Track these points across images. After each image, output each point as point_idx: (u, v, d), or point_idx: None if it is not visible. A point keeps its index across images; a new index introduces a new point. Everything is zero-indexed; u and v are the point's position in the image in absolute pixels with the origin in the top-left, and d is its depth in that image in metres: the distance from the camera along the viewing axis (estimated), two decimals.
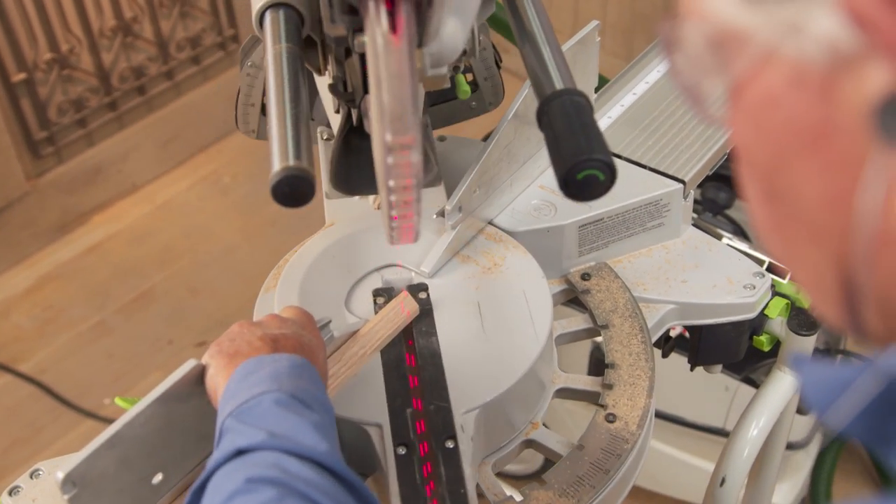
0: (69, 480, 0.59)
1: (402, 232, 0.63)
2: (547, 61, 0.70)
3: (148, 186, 2.45)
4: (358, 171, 0.80)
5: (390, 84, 0.55)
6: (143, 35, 2.34)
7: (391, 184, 0.58)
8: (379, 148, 0.57)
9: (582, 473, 0.77)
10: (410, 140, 0.55)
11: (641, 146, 0.98)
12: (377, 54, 0.56)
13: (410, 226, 0.62)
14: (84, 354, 2.05)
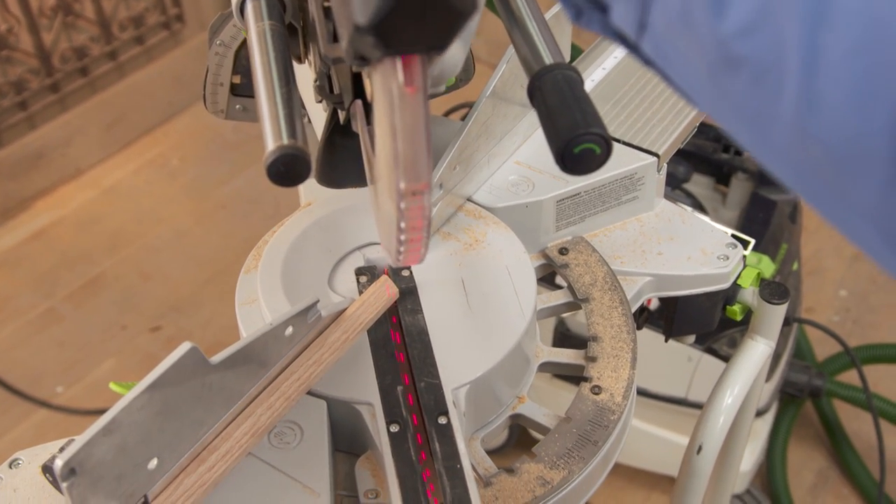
0: (68, 468, 0.58)
1: (408, 255, 0.62)
2: (534, 36, 0.70)
3: (93, 171, 2.40)
4: (343, 166, 0.79)
5: (405, 134, 0.55)
6: (84, 14, 2.28)
7: (402, 225, 0.58)
8: (391, 192, 0.57)
9: (571, 445, 0.78)
10: (424, 187, 0.56)
11: (614, 120, 0.99)
12: (392, 104, 0.55)
13: (418, 248, 0.61)
14: (34, 343, 2.01)
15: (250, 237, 2.35)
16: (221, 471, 0.70)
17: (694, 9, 0.41)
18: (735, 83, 0.42)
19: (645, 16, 0.44)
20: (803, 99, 0.39)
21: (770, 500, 1.71)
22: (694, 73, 0.44)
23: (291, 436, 0.74)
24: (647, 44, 0.46)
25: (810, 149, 0.40)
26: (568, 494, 0.77)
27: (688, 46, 0.43)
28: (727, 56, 0.41)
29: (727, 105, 0.44)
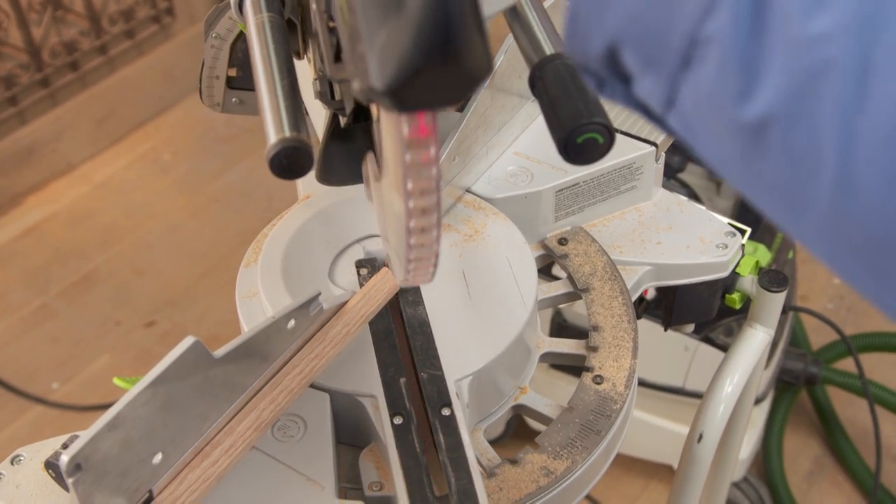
0: (74, 463, 0.58)
1: (417, 275, 0.61)
2: (534, 26, 0.70)
3: (84, 166, 2.39)
4: (343, 167, 0.79)
5: (417, 174, 0.55)
6: (73, 8, 2.27)
7: (412, 256, 0.58)
8: (401, 225, 0.57)
9: (574, 435, 0.78)
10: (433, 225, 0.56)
11: (612, 110, 0.99)
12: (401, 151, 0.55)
13: (429, 267, 0.61)
14: (28, 339, 2.00)
15: (244, 231, 2.35)
16: (225, 465, 0.70)
17: (724, 91, 0.40)
18: (768, 166, 0.41)
19: (673, 93, 0.43)
20: (840, 183, 0.38)
21: (767, 487, 1.72)
22: (724, 152, 0.43)
23: (295, 429, 0.74)
24: (674, 119, 0.44)
25: (849, 231, 0.39)
26: (571, 484, 0.77)
27: (717, 126, 0.42)
28: (758, 140, 0.40)
29: (759, 185, 0.43)
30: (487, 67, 0.44)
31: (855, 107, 0.37)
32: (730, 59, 0.39)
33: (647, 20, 0.42)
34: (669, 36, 0.41)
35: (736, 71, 0.39)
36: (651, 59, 0.43)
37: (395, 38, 0.44)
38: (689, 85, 0.42)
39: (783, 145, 0.40)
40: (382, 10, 0.46)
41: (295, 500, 0.70)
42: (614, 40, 0.43)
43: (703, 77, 0.41)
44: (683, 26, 0.41)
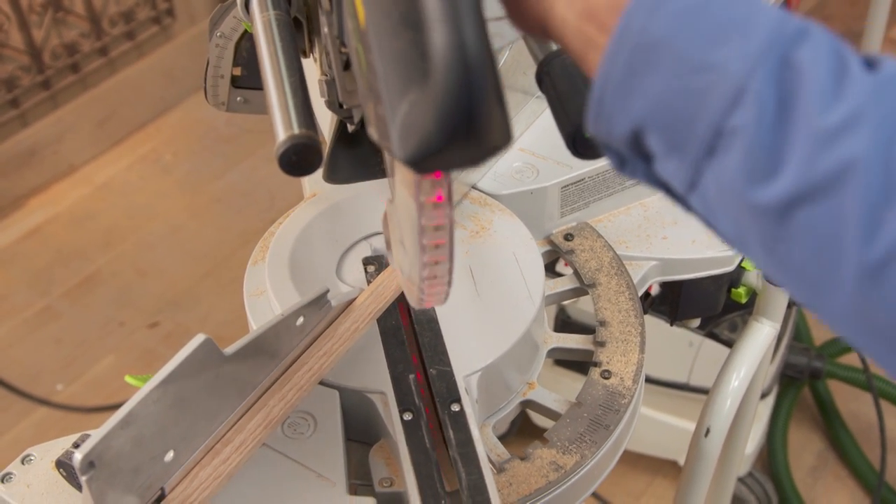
0: (87, 461, 0.58)
1: (430, 297, 0.61)
2: None
3: (86, 167, 2.39)
4: (350, 167, 0.79)
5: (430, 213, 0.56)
6: (74, 10, 2.27)
7: (424, 286, 0.58)
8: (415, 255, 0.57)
9: (582, 430, 0.78)
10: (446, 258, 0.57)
11: None
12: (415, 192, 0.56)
13: (443, 289, 0.61)
14: (31, 341, 2.00)
15: (246, 230, 2.35)
16: (236, 462, 0.70)
17: (748, 178, 0.41)
18: (791, 250, 0.42)
19: (697, 177, 0.43)
20: (865, 269, 0.39)
21: (772, 482, 1.72)
22: (747, 234, 0.44)
23: (305, 426, 0.74)
24: (696, 200, 0.45)
25: (873, 314, 0.40)
26: (581, 479, 0.77)
27: (741, 210, 0.42)
28: (782, 225, 0.41)
29: (783, 268, 0.43)
30: (508, 139, 0.44)
31: (881, 199, 0.38)
32: (755, 149, 0.40)
33: (674, 110, 0.42)
34: (695, 126, 0.42)
35: (760, 159, 0.40)
36: (675, 145, 0.43)
37: (417, 113, 0.44)
38: (713, 171, 0.42)
39: (807, 231, 0.40)
40: (404, 78, 0.46)
41: (306, 496, 0.70)
42: (639, 125, 0.44)
43: (727, 164, 0.42)
44: (710, 118, 0.41)
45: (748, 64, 0.40)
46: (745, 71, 0.40)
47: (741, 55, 0.41)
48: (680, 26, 0.42)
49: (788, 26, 0.41)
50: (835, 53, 0.41)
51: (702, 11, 0.42)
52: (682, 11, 0.42)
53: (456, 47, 0.42)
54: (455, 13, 0.42)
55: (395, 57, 0.47)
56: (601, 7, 0.43)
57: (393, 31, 0.47)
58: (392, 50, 0.47)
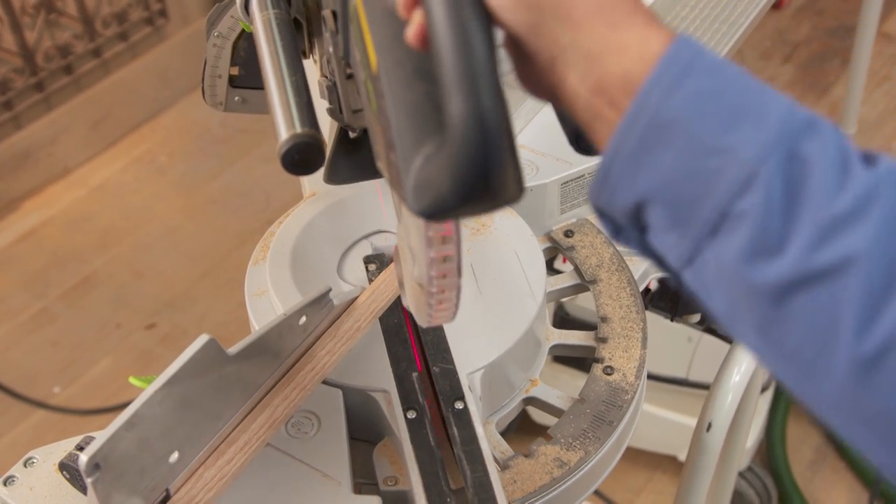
0: (92, 463, 0.58)
1: (437, 316, 0.61)
2: None
3: (80, 169, 2.38)
4: (350, 170, 0.79)
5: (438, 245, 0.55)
6: (66, 11, 2.26)
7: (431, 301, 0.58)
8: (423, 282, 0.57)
9: (586, 426, 0.79)
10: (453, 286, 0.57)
11: None
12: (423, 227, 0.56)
13: (451, 308, 0.60)
14: (28, 344, 1.99)
15: (242, 231, 2.34)
16: (240, 463, 0.70)
17: (750, 260, 0.42)
18: (786, 333, 0.42)
19: (696, 254, 0.44)
20: (858, 358, 0.40)
21: (771, 477, 1.72)
22: (741, 314, 0.44)
23: (309, 425, 0.74)
24: (690, 275, 0.46)
25: (863, 402, 0.41)
26: (585, 475, 0.77)
27: (738, 290, 0.43)
28: (779, 307, 0.42)
29: (775, 351, 0.44)
30: (521, 193, 0.44)
31: (880, 291, 0.40)
32: (760, 233, 0.41)
33: (682, 187, 0.43)
34: (702, 205, 0.43)
35: (764, 243, 0.41)
36: (679, 222, 0.44)
37: (432, 170, 0.45)
38: (714, 250, 0.43)
39: (804, 316, 0.41)
40: (418, 131, 0.47)
41: (311, 496, 0.70)
42: (644, 198, 0.44)
43: (729, 244, 0.42)
44: (718, 199, 0.42)
45: (760, 151, 0.41)
46: (757, 158, 0.41)
47: (753, 142, 0.42)
48: (696, 108, 0.43)
49: (798, 117, 0.42)
50: (839, 147, 0.42)
51: (717, 96, 0.43)
52: (699, 94, 0.43)
53: (474, 116, 0.42)
54: (473, 79, 0.42)
55: (409, 108, 0.47)
56: (614, 85, 0.44)
57: (406, 81, 0.48)
58: (405, 101, 0.48)
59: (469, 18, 0.43)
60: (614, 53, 0.44)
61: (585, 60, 0.45)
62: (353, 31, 0.56)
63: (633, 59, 0.44)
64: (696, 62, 0.43)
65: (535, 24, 0.45)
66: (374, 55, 0.51)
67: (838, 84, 2.51)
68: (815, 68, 2.59)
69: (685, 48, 0.44)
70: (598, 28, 0.44)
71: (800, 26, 2.71)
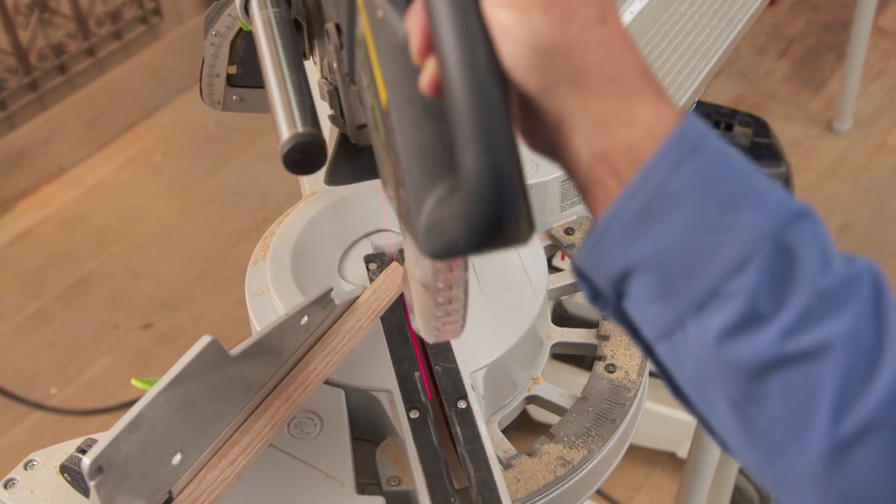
0: (96, 466, 0.58)
1: (446, 333, 0.60)
2: None
3: (75, 169, 2.37)
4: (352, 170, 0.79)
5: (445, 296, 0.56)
6: (60, 10, 2.25)
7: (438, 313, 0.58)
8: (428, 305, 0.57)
9: (589, 424, 0.78)
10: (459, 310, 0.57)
11: None
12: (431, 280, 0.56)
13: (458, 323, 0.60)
14: (24, 345, 1.99)
15: (238, 230, 2.33)
16: (243, 464, 0.70)
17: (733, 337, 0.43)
18: (761, 412, 0.43)
19: (677, 326, 0.44)
20: (834, 443, 0.42)
21: None
22: (713, 391, 0.45)
23: (311, 426, 0.74)
24: (664, 347, 0.46)
25: (833, 486, 0.42)
26: (588, 473, 0.77)
27: (714, 365, 0.44)
28: (758, 384, 0.43)
29: (747, 428, 0.45)
30: (531, 233, 0.45)
31: (857, 377, 0.41)
32: (747, 313, 0.42)
33: (675, 261, 0.44)
34: (693, 281, 0.43)
35: (749, 323, 0.42)
36: (665, 294, 0.44)
37: (444, 214, 0.45)
38: (696, 324, 0.43)
39: (782, 394, 0.43)
40: (430, 171, 0.47)
41: (314, 496, 0.70)
42: (634, 267, 0.45)
43: (713, 321, 0.43)
44: (710, 277, 0.43)
45: (757, 234, 0.43)
46: (754, 240, 0.43)
47: (752, 225, 0.43)
48: (701, 185, 0.43)
49: (793, 205, 0.44)
50: (825, 240, 0.44)
51: (721, 176, 0.44)
52: (705, 171, 0.44)
53: (489, 170, 0.42)
54: (488, 135, 0.42)
55: (420, 149, 0.47)
56: (619, 154, 0.44)
57: (417, 120, 0.47)
58: (416, 141, 0.47)
59: (485, 73, 0.43)
60: (623, 124, 0.45)
61: (593, 127, 0.45)
62: (360, 56, 0.56)
63: (641, 132, 0.44)
64: (703, 141, 0.44)
65: (547, 88, 0.45)
66: (383, 90, 0.51)
67: (834, 79, 2.51)
68: (811, 63, 2.59)
69: (694, 126, 0.44)
70: (609, 98, 0.45)
71: (795, 21, 2.71)
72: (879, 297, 0.44)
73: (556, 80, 0.44)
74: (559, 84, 0.44)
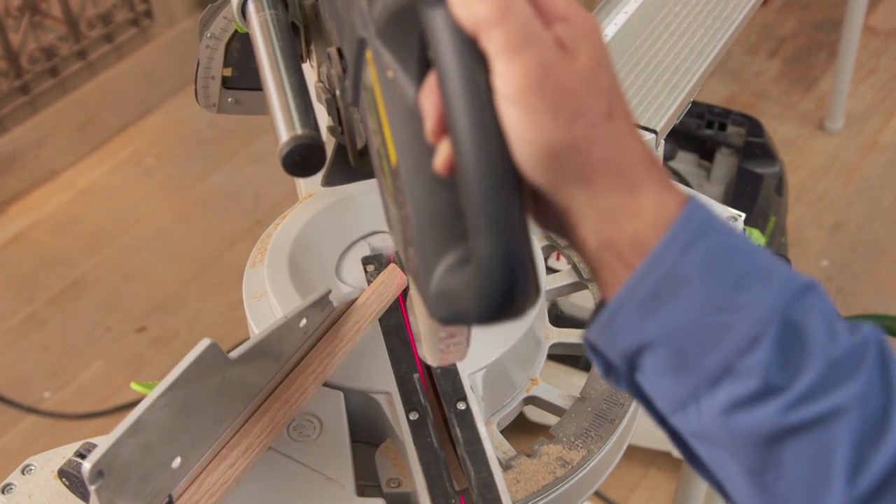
0: (96, 470, 0.57)
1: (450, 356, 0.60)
2: None
3: (67, 172, 2.36)
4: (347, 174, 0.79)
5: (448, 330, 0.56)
6: (51, 13, 2.24)
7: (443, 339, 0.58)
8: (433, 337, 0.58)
9: (587, 425, 0.78)
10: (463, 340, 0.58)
11: None
12: None
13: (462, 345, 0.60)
14: (18, 349, 1.98)
15: (231, 232, 2.32)
16: (243, 467, 0.70)
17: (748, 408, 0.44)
18: (779, 480, 0.45)
19: (690, 401, 0.46)
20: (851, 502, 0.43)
21: None
22: (728, 461, 0.46)
23: (311, 428, 0.74)
24: (678, 419, 0.47)
25: None
26: (587, 474, 0.77)
27: (729, 438, 0.45)
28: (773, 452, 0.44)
29: (765, 497, 0.46)
30: (537, 300, 0.46)
31: (869, 438, 0.43)
32: (761, 386, 0.44)
33: (689, 339, 0.45)
34: (707, 358, 0.45)
35: (764, 395, 0.44)
36: (678, 370, 0.45)
37: (455, 283, 0.46)
38: (710, 399, 0.45)
39: (798, 460, 0.44)
40: (441, 238, 0.47)
41: (315, 499, 0.69)
42: (647, 344, 0.46)
43: (727, 395, 0.44)
44: (724, 355, 0.44)
45: (767, 312, 0.44)
46: (765, 318, 0.44)
47: (761, 303, 0.44)
48: (709, 267, 0.45)
49: (798, 280, 0.46)
50: (831, 310, 0.46)
51: (728, 257, 0.45)
52: (712, 253, 0.45)
53: (502, 257, 0.43)
54: (502, 224, 0.43)
55: (430, 214, 0.48)
56: (625, 243, 0.46)
57: (427, 186, 0.48)
58: (426, 207, 0.48)
59: (499, 166, 0.44)
60: (629, 215, 0.46)
61: (599, 219, 0.46)
62: (367, 99, 0.55)
63: (646, 222, 0.45)
64: (708, 223, 0.45)
65: (554, 183, 0.45)
66: (393, 151, 0.51)
67: (825, 78, 2.52)
68: (802, 62, 2.59)
69: (698, 209, 0.46)
70: (615, 191, 0.46)
71: (786, 21, 2.72)
72: (884, 359, 0.46)
73: (562, 177, 0.45)
74: (566, 180, 0.45)
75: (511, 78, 0.44)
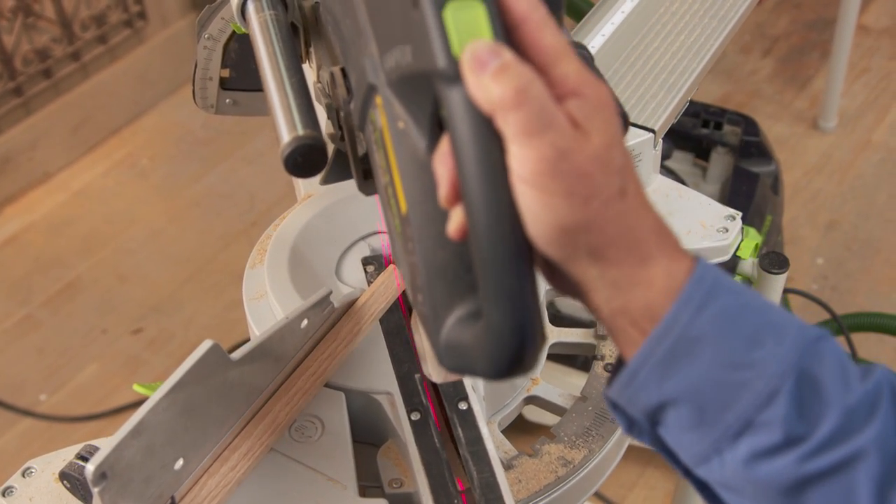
0: (99, 472, 0.57)
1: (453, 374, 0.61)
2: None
3: (61, 174, 2.36)
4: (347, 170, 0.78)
5: None
6: (44, 14, 2.23)
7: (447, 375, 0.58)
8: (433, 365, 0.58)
9: (589, 424, 0.79)
10: None
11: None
12: None
13: None
14: (13, 351, 1.97)
15: (226, 234, 2.32)
16: (244, 469, 0.70)
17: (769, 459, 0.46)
18: None
19: (713, 454, 0.47)
20: None
21: None
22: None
23: (312, 429, 0.74)
24: (704, 471, 0.48)
25: None
26: (589, 473, 0.77)
27: (753, 487, 0.47)
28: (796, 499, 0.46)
29: None
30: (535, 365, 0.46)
31: (888, 478, 0.45)
32: (782, 438, 0.45)
33: (708, 396, 0.46)
34: (727, 413, 0.46)
35: (785, 446, 0.45)
36: (700, 425, 0.47)
37: (464, 338, 0.46)
38: (733, 452, 0.46)
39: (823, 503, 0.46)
40: (450, 291, 0.48)
41: (317, 500, 0.69)
42: (668, 401, 0.47)
43: (750, 447, 0.46)
44: (743, 409, 0.46)
45: (782, 367, 0.46)
46: (781, 372, 0.46)
47: (776, 358, 0.46)
48: (722, 326, 0.46)
49: (810, 332, 0.47)
50: (844, 358, 0.48)
51: (740, 315, 0.47)
52: (724, 313, 0.46)
53: (514, 327, 0.44)
54: (514, 296, 0.44)
55: (440, 267, 0.48)
56: (637, 311, 0.47)
57: (437, 239, 0.48)
58: (436, 258, 0.48)
59: (511, 241, 0.44)
60: (640, 286, 0.47)
61: (611, 290, 0.47)
62: (375, 135, 0.54)
63: (658, 291, 0.46)
64: (718, 284, 0.47)
65: (567, 258, 0.46)
66: (403, 200, 0.51)
67: (818, 77, 2.53)
68: (795, 61, 2.60)
69: (707, 272, 0.47)
70: (627, 265, 0.46)
71: (779, 20, 2.73)
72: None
73: (575, 252, 0.46)
74: (578, 255, 0.46)
75: (526, 161, 0.44)
